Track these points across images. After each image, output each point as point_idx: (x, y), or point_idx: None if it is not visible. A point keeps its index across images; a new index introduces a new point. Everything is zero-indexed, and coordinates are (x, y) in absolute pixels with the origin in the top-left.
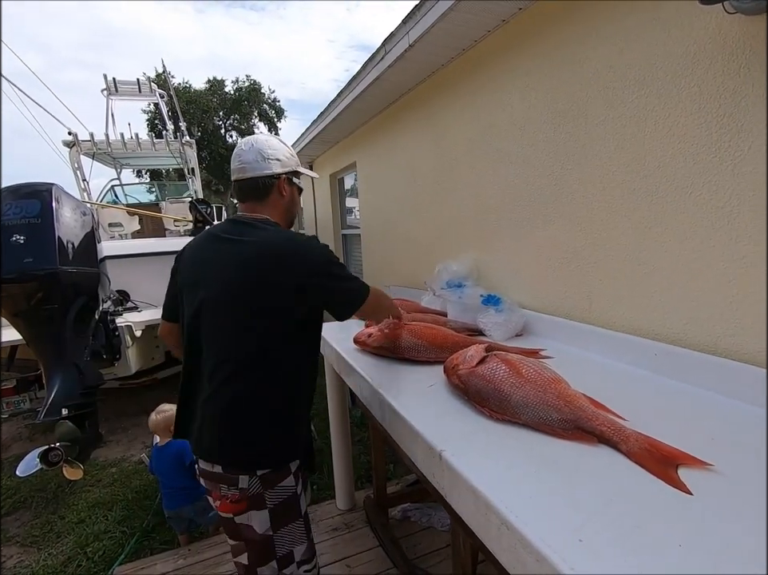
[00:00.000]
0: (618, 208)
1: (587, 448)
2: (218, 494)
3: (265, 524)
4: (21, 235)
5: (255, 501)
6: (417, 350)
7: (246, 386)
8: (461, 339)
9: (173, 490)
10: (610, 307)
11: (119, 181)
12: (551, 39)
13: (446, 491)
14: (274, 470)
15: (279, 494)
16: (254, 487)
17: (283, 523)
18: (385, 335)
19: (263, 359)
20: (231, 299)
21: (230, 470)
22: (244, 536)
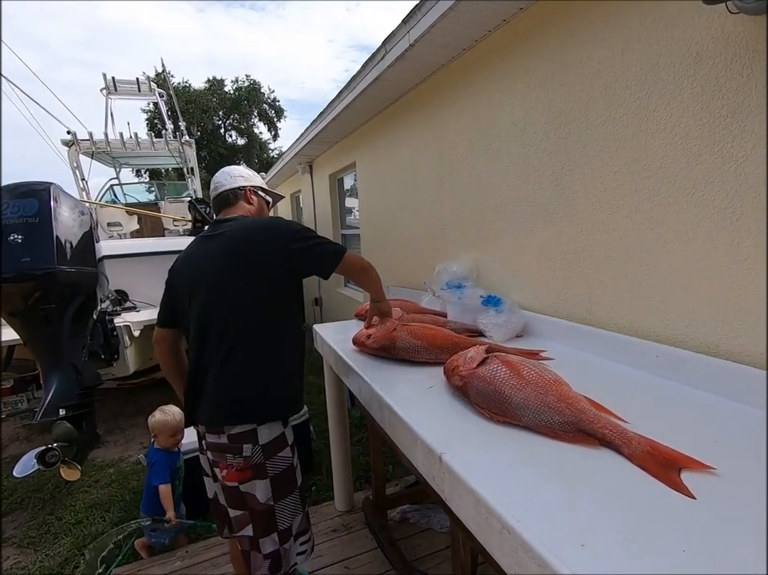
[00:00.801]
0: (619, 208)
1: (589, 451)
2: (224, 464)
3: (267, 493)
4: (18, 235)
5: (258, 470)
6: (416, 351)
7: (247, 353)
8: (461, 340)
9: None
10: (611, 308)
11: (118, 181)
12: (552, 39)
13: (446, 494)
14: (266, 439)
15: (279, 464)
16: (256, 456)
17: (283, 494)
18: (384, 335)
19: (262, 327)
20: (226, 283)
21: (233, 438)
22: (249, 505)
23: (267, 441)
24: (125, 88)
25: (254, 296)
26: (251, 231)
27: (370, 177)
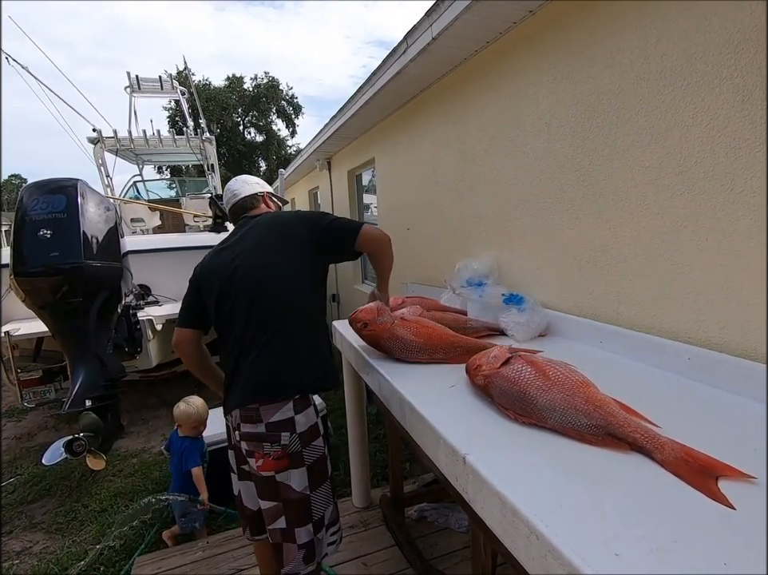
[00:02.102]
0: (650, 204)
1: (619, 455)
2: (260, 454)
3: (303, 482)
4: (47, 230)
5: (296, 459)
6: (410, 351)
7: (286, 334)
8: (458, 340)
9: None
10: (640, 308)
11: (141, 177)
12: (581, 29)
13: (470, 495)
14: (303, 427)
15: (314, 452)
16: (294, 444)
17: (318, 483)
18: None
19: (298, 311)
20: (266, 273)
21: (272, 427)
22: (283, 496)
23: (304, 429)
24: (149, 86)
25: (290, 278)
26: (281, 220)
27: (390, 173)
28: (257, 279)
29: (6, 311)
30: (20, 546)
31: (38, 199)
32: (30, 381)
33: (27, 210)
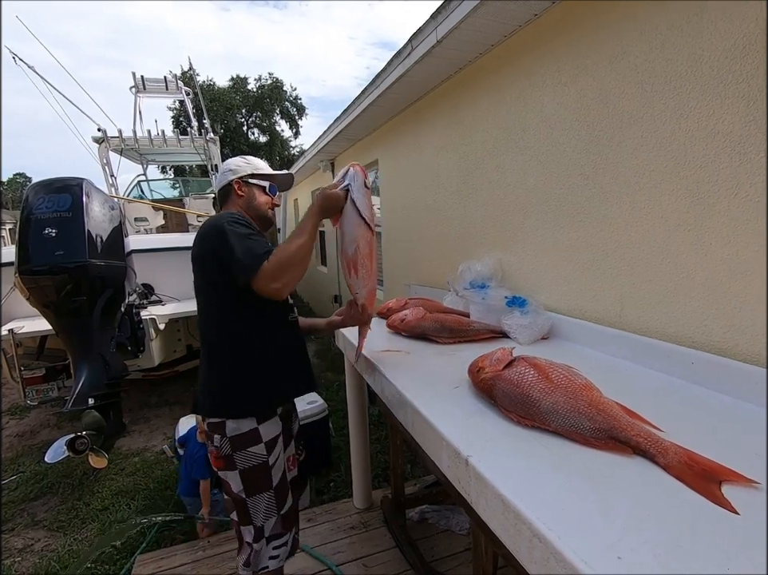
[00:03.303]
0: (654, 208)
1: (622, 459)
2: (209, 449)
3: (238, 485)
4: (52, 229)
5: (227, 462)
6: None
7: (206, 353)
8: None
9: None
10: (643, 311)
11: (145, 177)
12: (585, 33)
13: (472, 498)
14: (233, 432)
15: (248, 459)
16: (224, 447)
17: (255, 490)
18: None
19: (213, 329)
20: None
21: (209, 427)
22: (227, 491)
23: (235, 434)
24: (154, 86)
25: (202, 298)
26: (196, 237)
27: (393, 175)
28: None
29: (10, 308)
30: (22, 544)
31: (44, 198)
32: (33, 379)
33: (33, 208)
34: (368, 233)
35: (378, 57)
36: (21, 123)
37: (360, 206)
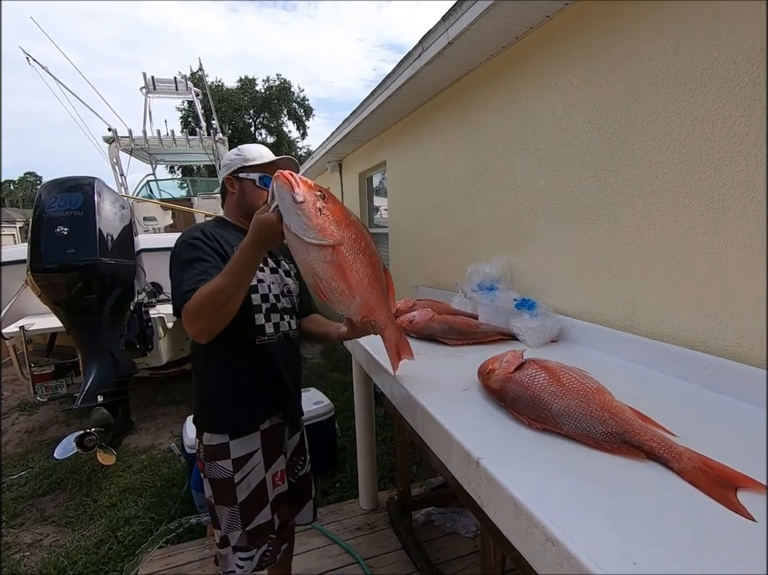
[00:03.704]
0: (668, 211)
1: (635, 464)
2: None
3: (208, 491)
4: (64, 227)
5: (201, 467)
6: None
7: (192, 363)
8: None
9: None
10: (655, 315)
11: (154, 176)
12: (598, 35)
13: (483, 500)
14: (207, 442)
15: (215, 471)
16: (201, 453)
17: (220, 500)
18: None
19: (193, 342)
20: None
21: (196, 433)
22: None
23: (207, 444)
24: (164, 87)
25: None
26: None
27: (401, 176)
28: None
29: (21, 306)
30: (31, 538)
31: (56, 196)
32: (43, 376)
33: (45, 207)
34: (322, 252)
35: (385, 58)
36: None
37: (296, 227)
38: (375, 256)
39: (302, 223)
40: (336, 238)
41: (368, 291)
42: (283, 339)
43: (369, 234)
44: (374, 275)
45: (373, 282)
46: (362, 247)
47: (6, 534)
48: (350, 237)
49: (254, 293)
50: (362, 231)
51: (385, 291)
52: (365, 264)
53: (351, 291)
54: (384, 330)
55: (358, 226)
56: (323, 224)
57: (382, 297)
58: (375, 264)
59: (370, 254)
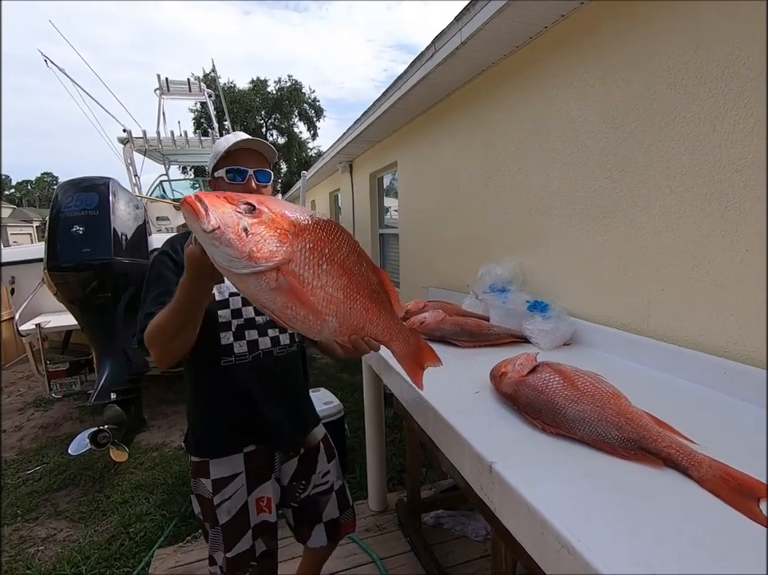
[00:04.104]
0: (686, 213)
1: (653, 471)
2: None
3: (197, 507)
4: (80, 226)
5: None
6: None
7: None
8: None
9: None
10: (672, 319)
11: (167, 177)
12: (614, 33)
13: (495, 505)
14: (192, 457)
15: (199, 487)
16: (191, 467)
17: (206, 518)
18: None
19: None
20: None
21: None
22: None
23: (192, 460)
24: (177, 88)
25: None
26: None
27: (412, 177)
28: None
29: (38, 303)
30: (45, 533)
31: (72, 196)
32: (58, 372)
33: (62, 207)
34: (262, 280)
35: (395, 59)
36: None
37: (220, 260)
38: (353, 261)
39: (223, 254)
40: (277, 257)
41: (346, 307)
42: (263, 357)
43: (343, 234)
44: (353, 284)
45: (352, 293)
46: (326, 254)
47: (22, 528)
48: (303, 248)
49: (222, 309)
50: (324, 235)
51: (379, 297)
52: (334, 275)
53: (318, 314)
54: (389, 343)
55: (319, 228)
56: (254, 246)
57: (375, 307)
58: (352, 271)
59: (341, 260)
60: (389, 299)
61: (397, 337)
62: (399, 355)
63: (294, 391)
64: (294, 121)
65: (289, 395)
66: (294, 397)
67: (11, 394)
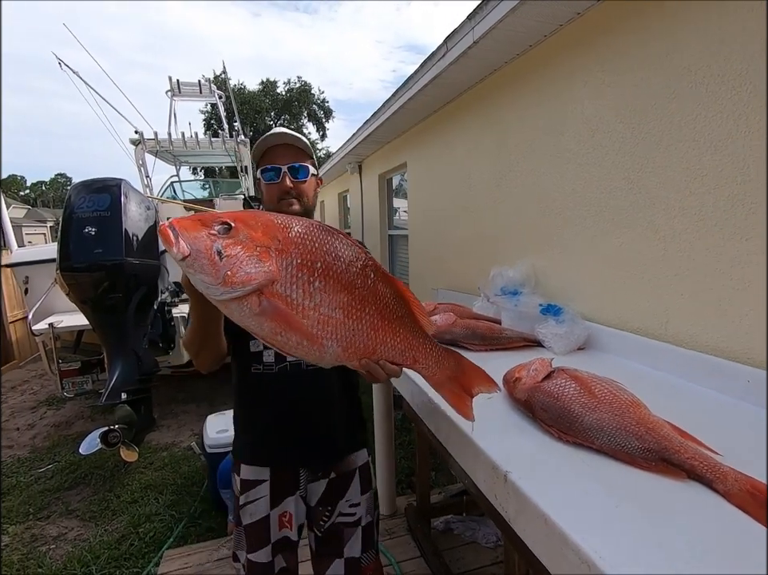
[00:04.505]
0: (707, 215)
1: (675, 484)
2: None
3: (231, 500)
4: (92, 227)
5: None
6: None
7: None
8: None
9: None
10: (691, 324)
11: (178, 178)
12: (632, 32)
13: (510, 516)
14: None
15: (233, 482)
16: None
17: (234, 514)
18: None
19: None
20: None
21: None
22: None
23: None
24: (188, 90)
25: None
26: None
27: (422, 178)
28: None
29: (51, 303)
30: (56, 532)
31: (85, 197)
32: (70, 371)
33: (74, 208)
34: (244, 305)
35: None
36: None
37: (200, 287)
38: (355, 273)
39: (199, 281)
40: (256, 280)
41: (347, 327)
42: (290, 370)
43: (340, 242)
44: (356, 300)
45: (354, 312)
46: (318, 269)
47: (34, 527)
48: (289, 265)
49: None
50: (317, 246)
51: (394, 313)
52: (330, 292)
53: (312, 339)
54: (413, 366)
55: (310, 240)
56: (228, 270)
57: (388, 325)
58: (354, 285)
59: (338, 274)
60: (410, 313)
61: (424, 359)
62: (434, 382)
63: (326, 410)
64: (304, 122)
65: (319, 414)
66: (325, 416)
67: (24, 392)
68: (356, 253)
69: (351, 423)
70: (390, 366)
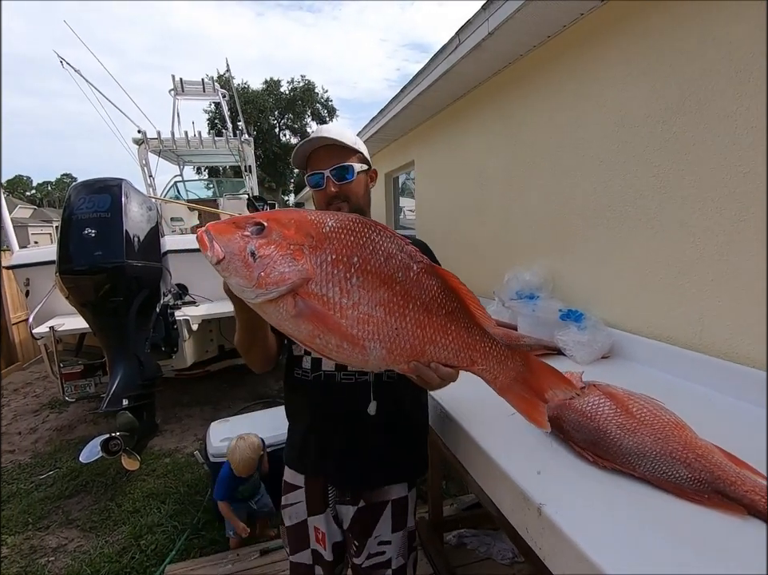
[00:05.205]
0: (749, 217)
1: (734, 521)
2: None
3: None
4: (92, 229)
5: None
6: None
7: None
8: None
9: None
10: (731, 333)
11: (181, 177)
12: (662, 19)
13: (544, 552)
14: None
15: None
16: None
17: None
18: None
19: None
20: None
21: None
22: None
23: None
24: (192, 89)
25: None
26: None
27: (430, 176)
28: None
29: (52, 306)
30: (56, 542)
31: (84, 198)
32: (72, 374)
33: (74, 209)
34: (279, 308)
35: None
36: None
37: (236, 291)
38: (396, 266)
39: (234, 284)
40: (290, 279)
41: (390, 326)
42: (324, 380)
43: (378, 234)
44: (398, 296)
45: (397, 308)
46: (355, 264)
47: (33, 537)
48: (324, 261)
49: None
50: (352, 240)
51: (444, 308)
52: (369, 289)
53: (353, 341)
54: (471, 368)
55: (345, 233)
56: (262, 271)
57: (437, 321)
58: (394, 279)
59: (377, 268)
60: (464, 307)
61: (483, 359)
62: (498, 386)
63: (358, 429)
64: (307, 121)
65: (348, 431)
66: (355, 435)
67: (27, 395)
68: (397, 244)
69: (396, 451)
70: (444, 369)
